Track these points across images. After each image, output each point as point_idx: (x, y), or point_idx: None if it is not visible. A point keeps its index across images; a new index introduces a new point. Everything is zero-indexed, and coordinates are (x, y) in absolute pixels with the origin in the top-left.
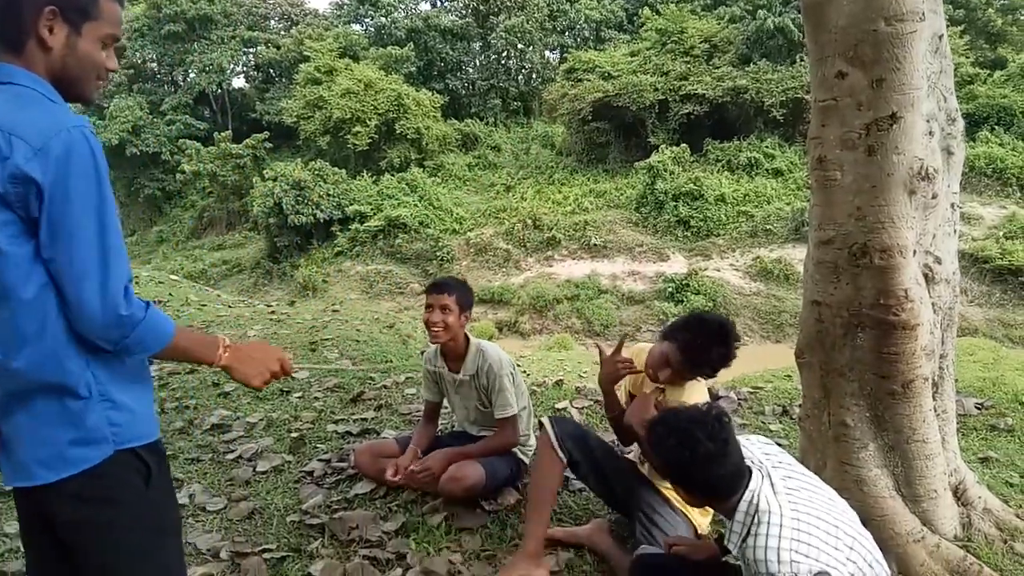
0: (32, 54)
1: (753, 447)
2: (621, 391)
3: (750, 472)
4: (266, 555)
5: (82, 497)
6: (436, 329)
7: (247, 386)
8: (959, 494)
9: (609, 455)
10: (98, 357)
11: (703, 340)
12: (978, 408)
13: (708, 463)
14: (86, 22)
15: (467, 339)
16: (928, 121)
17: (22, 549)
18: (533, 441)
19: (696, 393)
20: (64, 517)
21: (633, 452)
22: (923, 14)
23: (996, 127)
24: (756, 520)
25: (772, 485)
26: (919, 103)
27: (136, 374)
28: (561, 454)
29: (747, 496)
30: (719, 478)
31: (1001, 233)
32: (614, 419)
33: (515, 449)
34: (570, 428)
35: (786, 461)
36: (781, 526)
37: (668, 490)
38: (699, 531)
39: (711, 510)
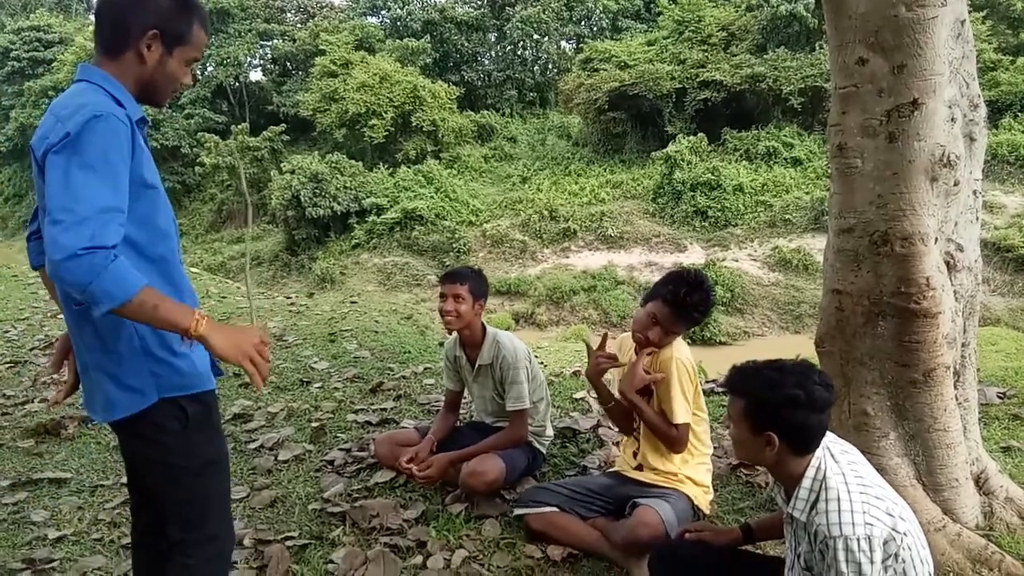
0: (127, 62)
1: None
2: (612, 385)
3: None
4: (288, 543)
5: (133, 433)
6: (450, 318)
7: (224, 360)
8: (981, 483)
9: (579, 482)
10: None
11: (684, 287)
12: (1000, 397)
13: (818, 408)
14: (179, 46)
15: (484, 328)
16: (950, 107)
17: (49, 536)
18: (551, 432)
19: (682, 347)
20: (124, 447)
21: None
22: None
23: (1019, 114)
24: (824, 487)
25: (833, 456)
26: (941, 89)
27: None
28: (550, 509)
29: (814, 463)
30: (820, 427)
31: None
32: (608, 409)
33: (532, 439)
34: (530, 494)
35: (839, 439)
36: (849, 491)
37: (653, 476)
38: (698, 507)
39: (711, 490)
